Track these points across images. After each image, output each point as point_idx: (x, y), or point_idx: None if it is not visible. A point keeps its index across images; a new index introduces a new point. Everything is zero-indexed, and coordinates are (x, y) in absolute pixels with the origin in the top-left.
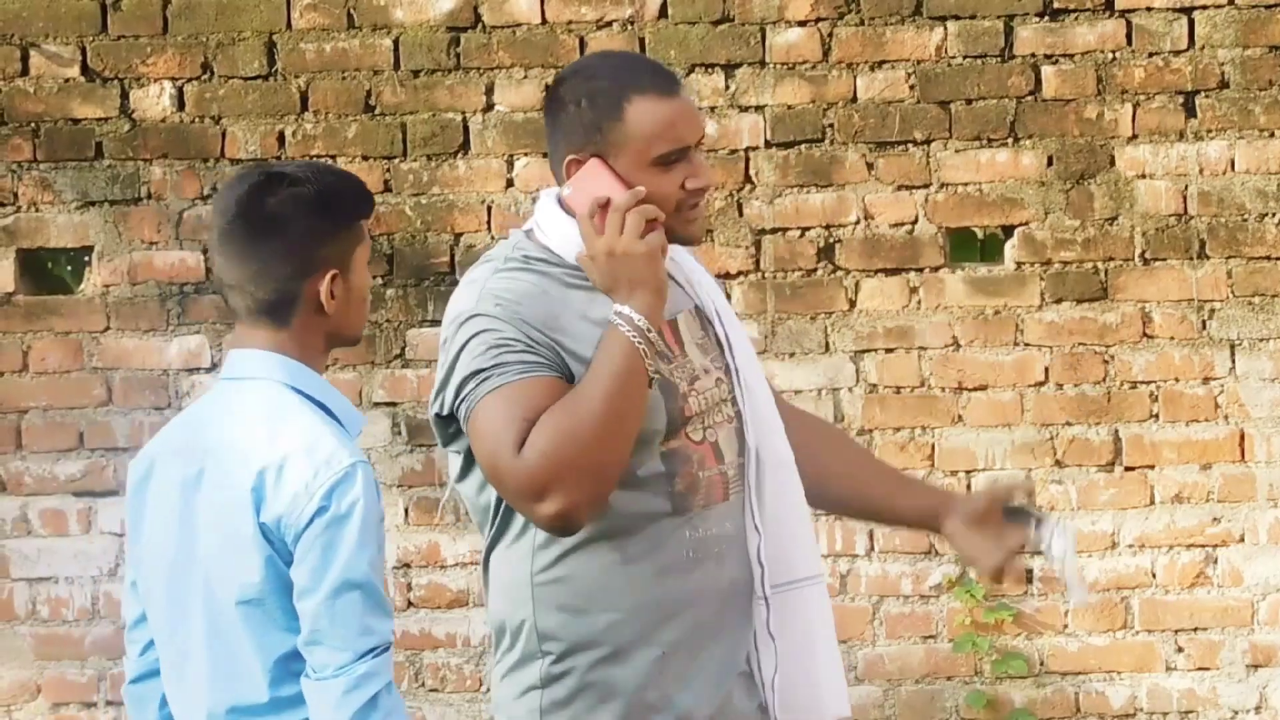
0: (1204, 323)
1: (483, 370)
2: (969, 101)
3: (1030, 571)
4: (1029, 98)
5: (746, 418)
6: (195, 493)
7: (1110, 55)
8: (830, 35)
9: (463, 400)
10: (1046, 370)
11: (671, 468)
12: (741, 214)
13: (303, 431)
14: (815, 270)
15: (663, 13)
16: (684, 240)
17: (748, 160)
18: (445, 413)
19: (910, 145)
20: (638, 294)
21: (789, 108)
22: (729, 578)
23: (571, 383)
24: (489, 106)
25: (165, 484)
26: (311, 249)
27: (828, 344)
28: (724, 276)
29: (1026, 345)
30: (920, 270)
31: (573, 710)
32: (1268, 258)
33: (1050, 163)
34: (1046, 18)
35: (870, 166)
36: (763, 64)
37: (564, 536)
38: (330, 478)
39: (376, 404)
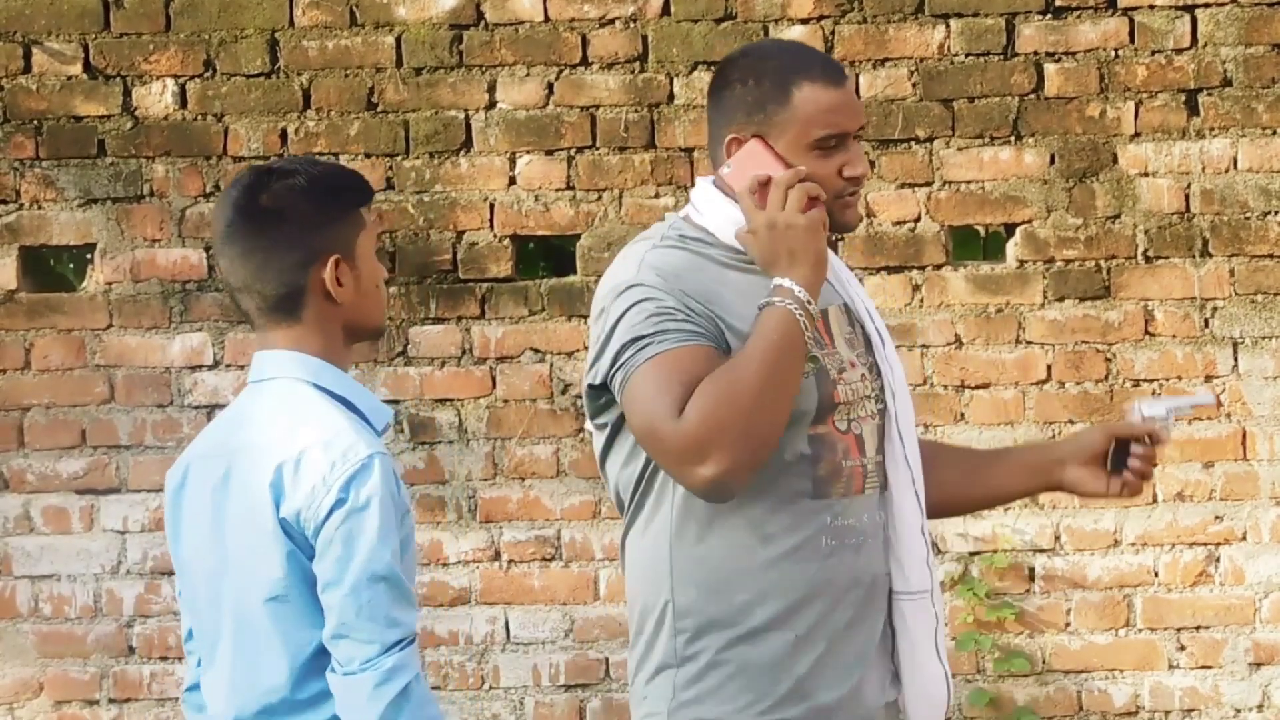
0: (1206, 321)
1: (643, 337)
2: (971, 99)
3: (1032, 570)
4: (1031, 96)
5: (892, 415)
6: (224, 495)
7: (1113, 53)
8: (833, 33)
9: (620, 367)
10: (1049, 368)
11: (817, 452)
12: None
13: (321, 425)
14: None
15: (665, 10)
16: (838, 226)
17: None
18: (599, 381)
19: (913, 143)
20: (798, 266)
21: None
22: (866, 570)
23: (729, 356)
24: (491, 104)
25: (198, 489)
26: (311, 235)
27: None
28: None
29: (1029, 343)
30: (923, 268)
31: (704, 686)
32: (1270, 256)
33: (1053, 161)
34: (1049, 15)
35: (873, 164)
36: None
37: (719, 501)
38: (347, 470)
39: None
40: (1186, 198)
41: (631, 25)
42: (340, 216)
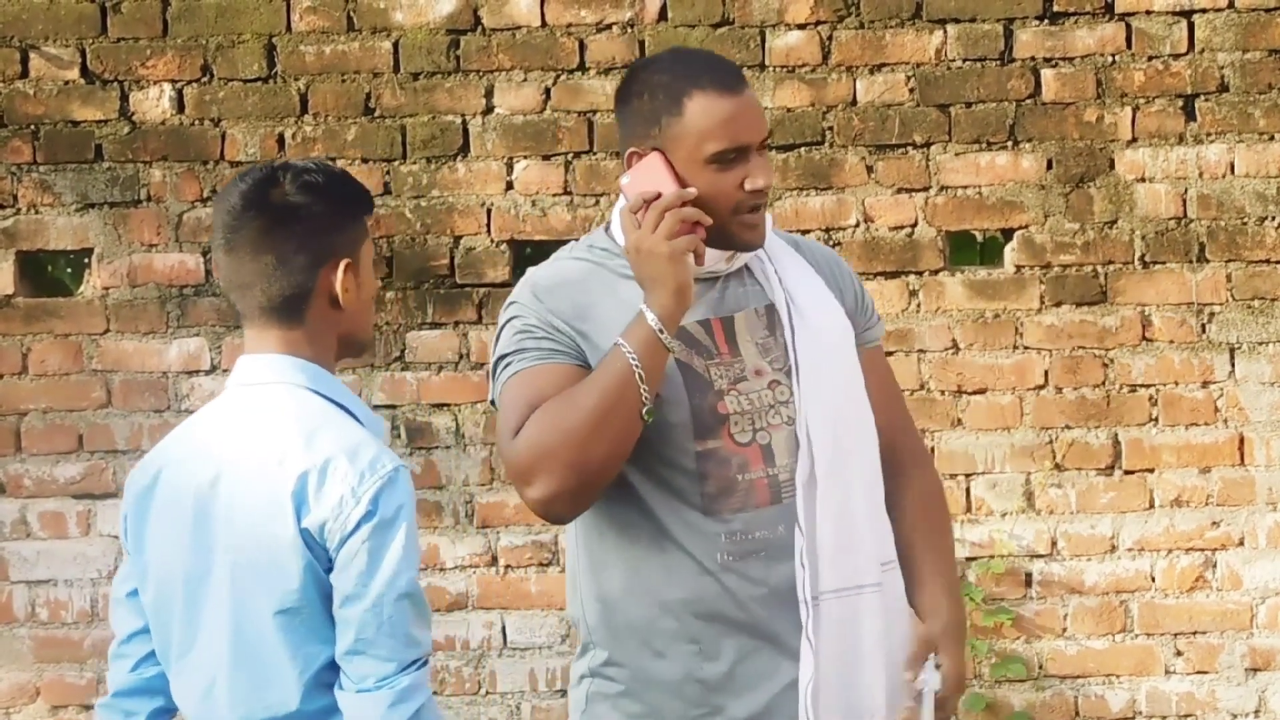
0: (1203, 326)
1: (506, 355)
2: (969, 104)
3: (1029, 575)
4: (1029, 101)
5: (801, 420)
6: (211, 501)
7: (1110, 58)
8: (830, 38)
9: (493, 383)
10: (1046, 373)
11: (704, 469)
12: None
13: (342, 435)
14: None
15: (662, 15)
16: (741, 246)
17: None
18: (491, 398)
19: (910, 148)
20: (656, 294)
21: (788, 110)
22: (782, 582)
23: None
24: (489, 109)
25: (176, 493)
26: (325, 236)
27: None
28: None
29: (1026, 348)
30: (920, 273)
31: (613, 700)
32: (1267, 261)
33: (1050, 166)
34: (1046, 21)
35: (870, 169)
36: (762, 67)
37: (554, 523)
38: (376, 482)
39: (376, 406)
40: (1184, 203)
41: (629, 30)
42: (352, 221)
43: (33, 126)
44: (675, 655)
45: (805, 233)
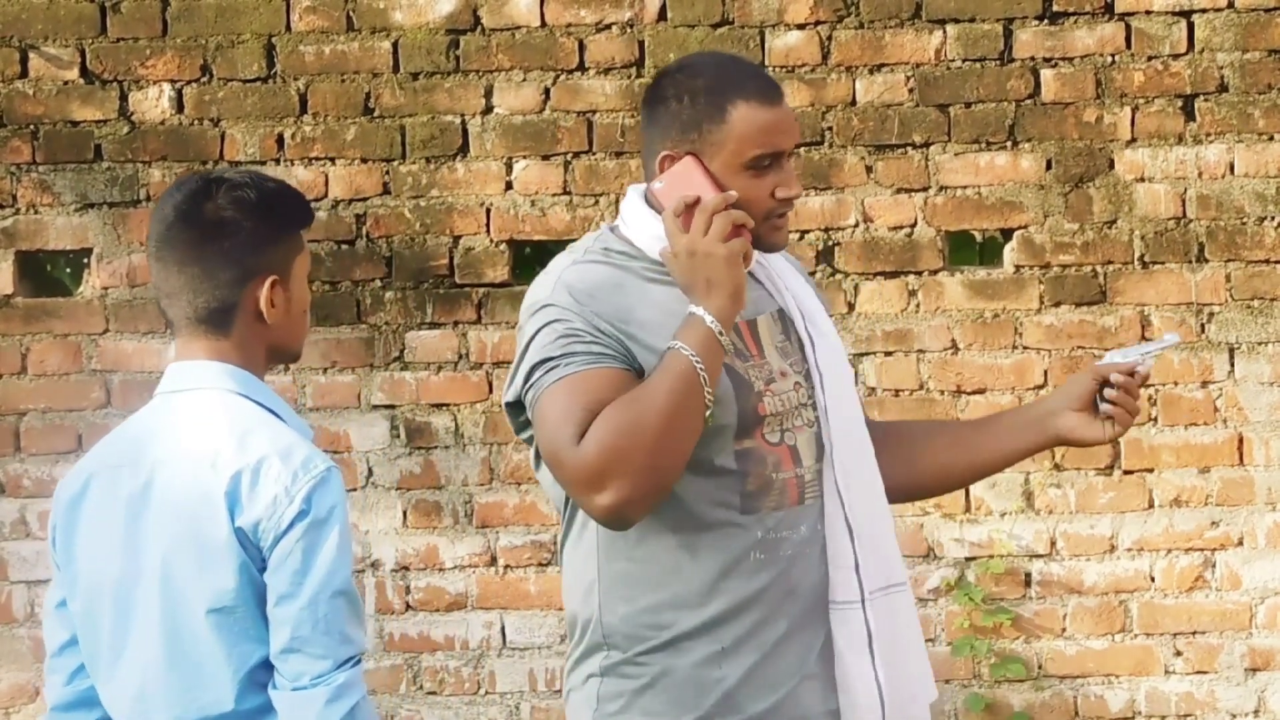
0: (1203, 326)
1: (550, 359)
2: (968, 104)
3: (1028, 575)
4: (1028, 101)
5: (825, 421)
6: (143, 506)
7: (1109, 58)
8: (829, 38)
9: (530, 387)
10: (1045, 373)
11: (744, 467)
12: None
13: (274, 436)
14: (814, 273)
15: (662, 15)
16: (767, 247)
17: None
18: (513, 399)
19: (909, 148)
20: (714, 297)
21: None
22: (804, 580)
23: (642, 377)
24: (488, 109)
25: (106, 500)
26: (253, 253)
27: None
28: None
29: (1025, 348)
30: (919, 273)
31: (628, 698)
32: (1266, 261)
33: (1049, 166)
34: (1046, 21)
35: (869, 169)
36: (762, 67)
37: (617, 530)
38: (309, 482)
39: (375, 406)
40: (1183, 203)
41: (628, 30)
42: (282, 237)
43: (32, 126)
44: (700, 654)
45: (805, 233)
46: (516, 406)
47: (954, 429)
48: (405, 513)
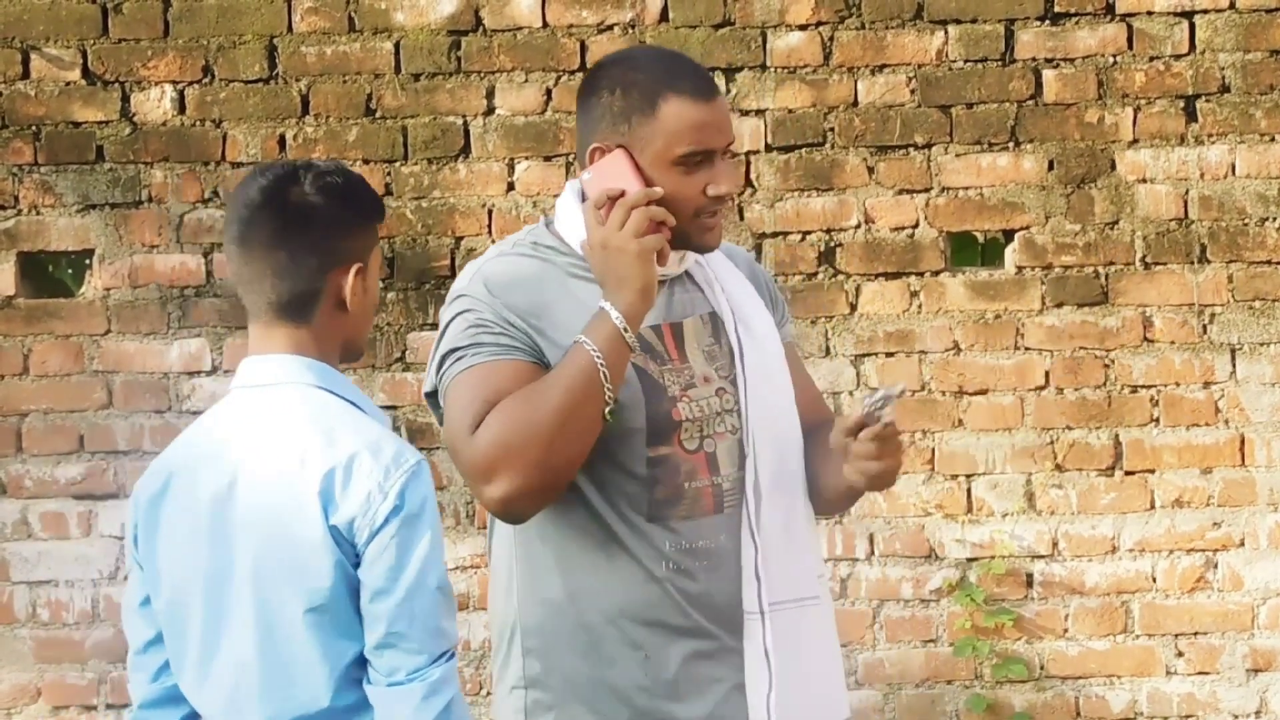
0: (1204, 327)
1: (459, 349)
2: (970, 105)
3: (1030, 576)
4: (1030, 102)
5: (748, 429)
6: (228, 504)
7: (1111, 59)
8: (831, 39)
9: (440, 376)
10: (1047, 374)
11: (654, 474)
12: (742, 218)
13: (362, 431)
14: (816, 274)
15: (664, 16)
16: (698, 247)
17: (749, 164)
18: (429, 390)
19: (911, 149)
20: (622, 292)
21: (790, 111)
22: (721, 590)
23: (548, 370)
24: (490, 110)
25: (188, 498)
26: (339, 239)
27: (828, 348)
28: None
29: (1027, 349)
30: (921, 274)
31: (557, 711)
32: (1268, 262)
33: (1051, 167)
34: (1047, 21)
35: (871, 170)
36: (763, 67)
37: (511, 523)
38: (401, 476)
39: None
40: (1185, 204)
41: (630, 31)
42: (366, 226)
43: (34, 127)
44: (622, 662)
45: (807, 234)
46: (434, 397)
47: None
48: None
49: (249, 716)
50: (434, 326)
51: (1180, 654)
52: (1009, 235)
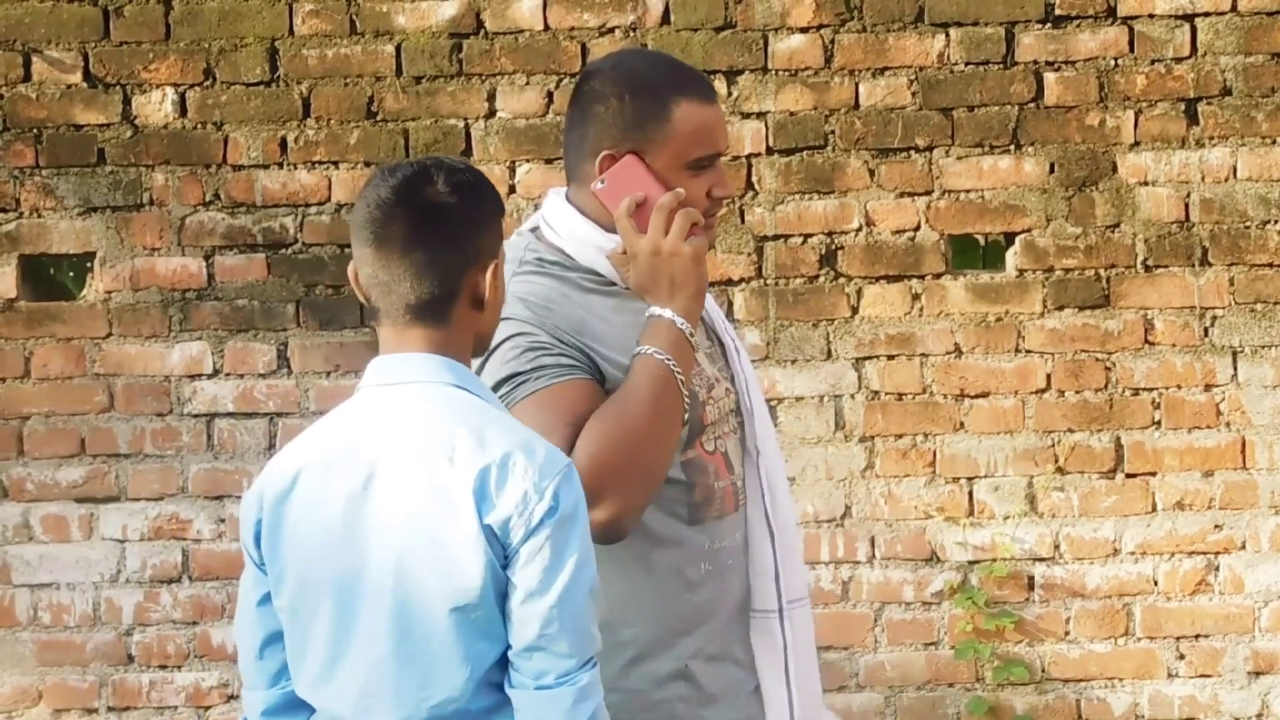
0: (1206, 330)
1: (520, 374)
2: (971, 108)
3: (1031, 578)
4: (1031, 104)
5: (750, 426)
6: (364, 502)
7: (1112, 62)
8: (832, 42)
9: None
10: (1048, 377)
11: (690, 477)
12: (743, 220)
13: (512, 431)
14: (817, 277)
15: (665, 19)
16: None
17: (750, 167)
18: None
19: (912, 152)
20: (679, 296)
21: (791, 114)
22: (738, 591)
23: (604, 386)
24: (491, 113)
25: (320, 496)
26: (475, 238)
27: (830, 351)
28: (725, 283)
29: (1028, 352)
30: (922, 277)
31: None
32: (1270, 265)
33: (1052, 169)
34: (1048, 25)
35: (872, 173)
36: (765, 70)
37: (610, 543)
38: (555, 477)
39: None
40: (1186, 207)
41: (631, 34)
42: (496, 222)
43: (35, 130)
44: (663, 673)
45: (808, 237)
46: None
47: None
48: None
49: (381, 715)
50: None
51: (1181, 657)
52: (1010, 238)
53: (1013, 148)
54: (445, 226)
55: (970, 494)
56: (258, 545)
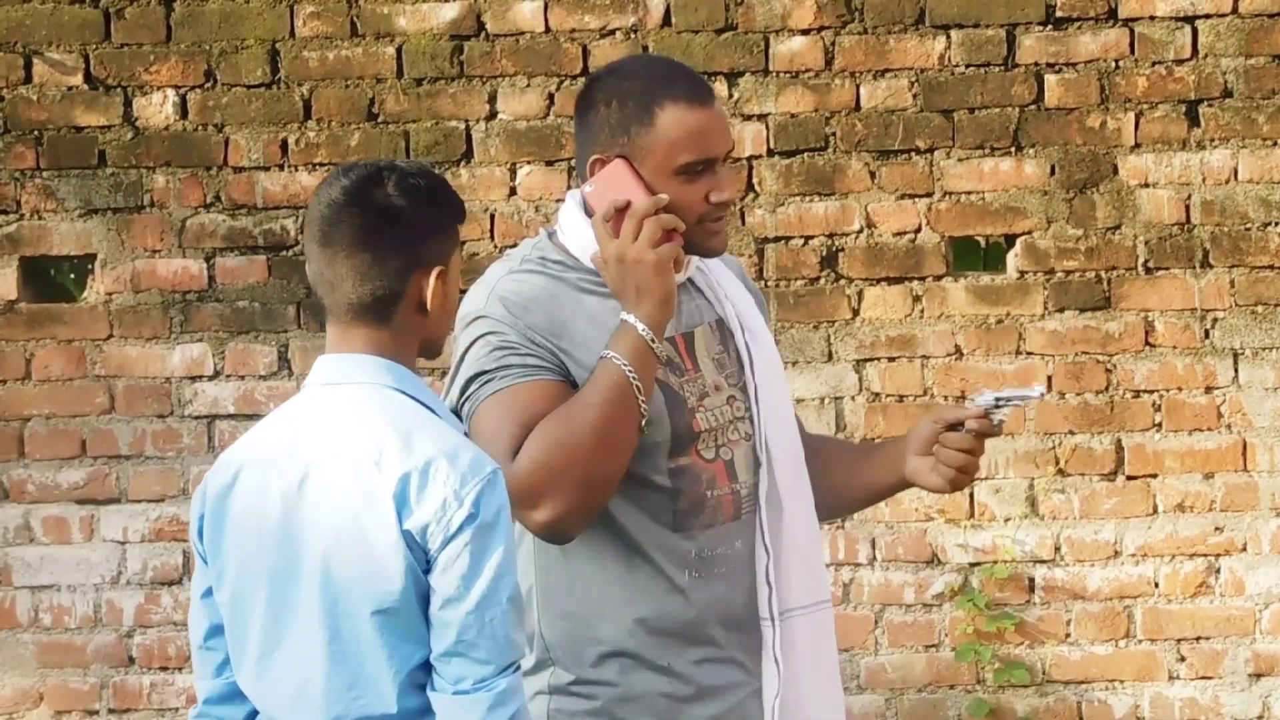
0: (1206, 332)
1: (485, 372)
2: (972, 110)
3: (1032, 580)
4: (1032, 106)
5: (761, 436)
6: (298, 501)
7: (1113, 64)
8: (833, 44)
9: (466, 400)
10: (1049, 379)
11: (678, 485)
12: (744, 222)
13: (440, 436)
14: (818, 279)
15: (666, 21)
16: (704, 252)
17: (751, 169)
18: (451, 409)
19: (913, 154)
20: (643, 304)
21: (792, 116)
22: (739, 598)
23: (576, 388)
24: (492, 115)
25: (258, 493)
26: (423, 242)
27: (830, 353)
28: None
29: (1029, 354)
30: (923, 279)
31: (580, 718)
32: (1270, 267)
33: (1053, 171)
34: (1049, 26)
35: (873, 175)
36: (766, 72)
37: (556, 544)
38: (477, 485)
39: None
40: (1187, 209)
41: (632, 36)
42: (448, 229)
43: (36, 132)
44: (645, 671)
45: (808, 239)
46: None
47: (851, 452)
48: None
49: (313, 716)
50: None
51: (1182, 659)
52: (1011, 240)
53: (1013, 149)
54: (392, 229)
55: (971, 496)
56: (201, 539)
